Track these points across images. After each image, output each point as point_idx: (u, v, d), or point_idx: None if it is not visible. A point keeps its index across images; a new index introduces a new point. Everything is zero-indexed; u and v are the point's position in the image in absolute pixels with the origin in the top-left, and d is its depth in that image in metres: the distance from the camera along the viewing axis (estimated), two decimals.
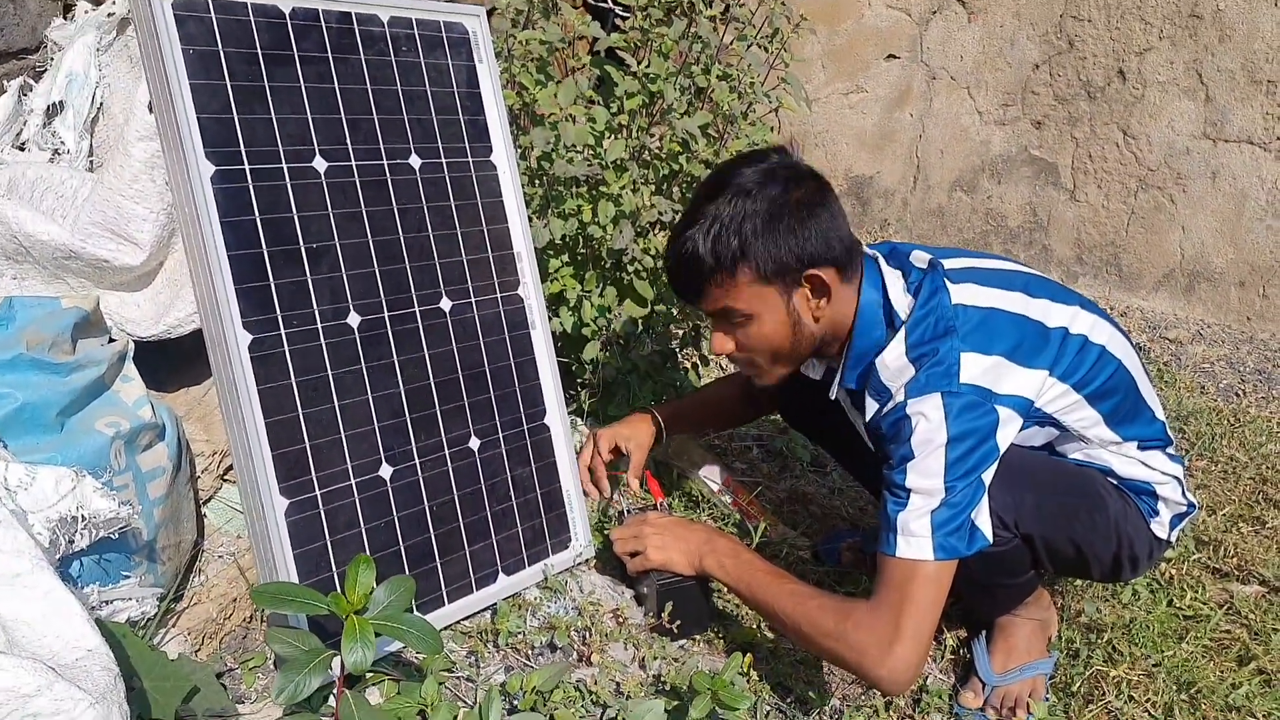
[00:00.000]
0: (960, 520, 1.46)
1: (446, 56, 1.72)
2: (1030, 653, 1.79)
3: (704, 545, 1.66)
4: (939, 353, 1.50)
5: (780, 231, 1.52)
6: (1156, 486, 1.69)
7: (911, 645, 1.43)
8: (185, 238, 1.38)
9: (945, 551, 1.45)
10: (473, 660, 1.59)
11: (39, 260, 1.41)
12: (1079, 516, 1.63)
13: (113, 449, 1.29)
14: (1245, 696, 1.82)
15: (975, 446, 1.47)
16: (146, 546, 1.35)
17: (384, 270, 1.57)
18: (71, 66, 1.55)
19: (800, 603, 1.53)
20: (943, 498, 1.45)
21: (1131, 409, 1.67)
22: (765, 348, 1.61)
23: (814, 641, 1.52)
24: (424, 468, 1.59)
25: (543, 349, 1.79)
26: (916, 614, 1.44)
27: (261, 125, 1.45)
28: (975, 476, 1.47)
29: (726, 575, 1.62)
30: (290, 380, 1.43)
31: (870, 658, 1.44)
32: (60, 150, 1.54)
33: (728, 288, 1.55)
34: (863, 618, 1.46)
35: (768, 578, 1.59)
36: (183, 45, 1.38)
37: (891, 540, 1.47)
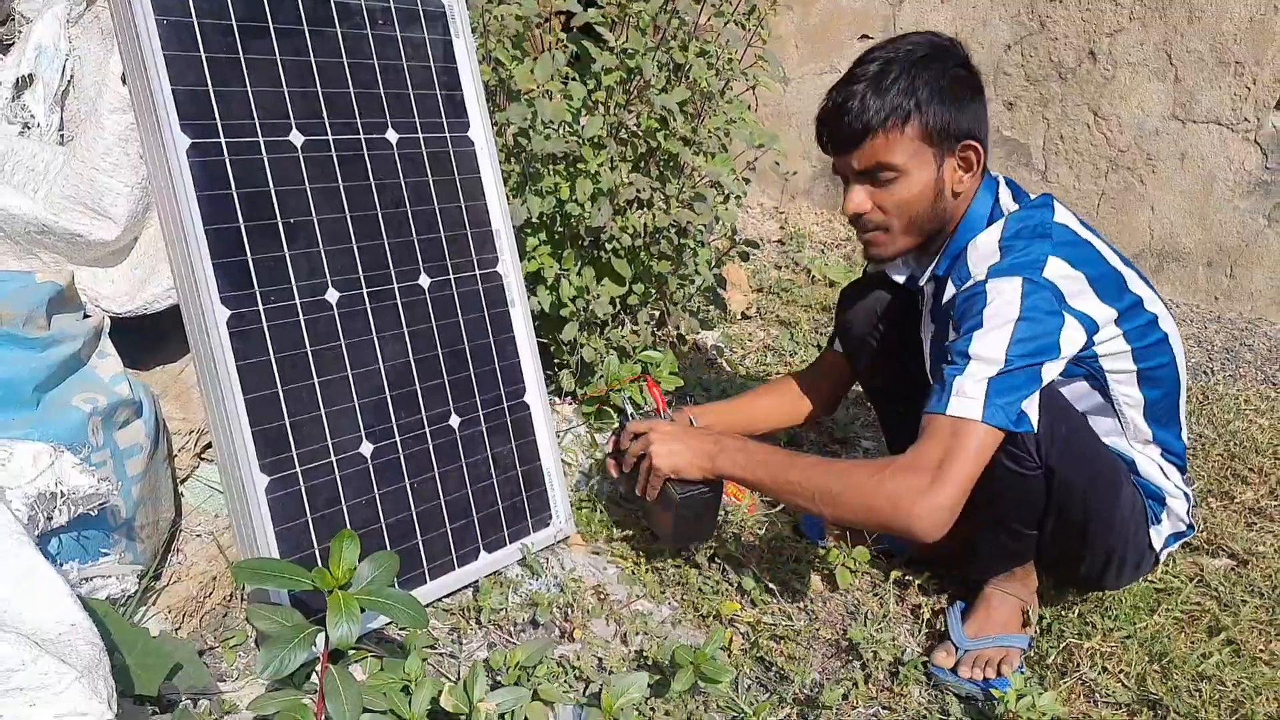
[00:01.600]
0: (1014, 395, 1.47)
1: (423, 30, 1.70)
2: (1007, 626, 1.81)
3: (713, 446, 1.63)
4: (1030, 248, 1.55)
5: (951, 99, 1.57)
6: (1168, 497, 1.72)
7: (951, 490, 1.43)
8: (161, 212, 1.36)
9: (994, 417, 1.45)
10: (455, 637, 1.59)
11: (11, 235, 1.39)
12: (1103, 484, 1.65)
13: (90, 425, 1.27)
14: (1215, 666, 1.85)
15: (1041, 334, 1.49)
16: (125, 524, 1.33)
17: (362, 246, 1.56)
18: (40, 39, 1.52)
19: (828, 467, 1.55)
20: (1001, 368, 1.47)
21: (1169, 412, 1.72)
22: (905, 210, 1.64)
23: (843, 499, 1.50)
24: (404, 445, 1.58)
25: (522, 327, 1.78)
26: (958, 463, 1.44)
27: (237, 97, 1.43)
28: (1035, 361, 1.48)
29: (743, 470, 1.60)
30: (269, 356, 1.42)
31: (906, 501, 1.43)
32: (30, 124, 1.51)
33: (892, 140, 1.58)
34: (901, 465, 1.46)
35: (786, 458, 1.59)
36: (156, 16, 1.35)
37: (944, 400, 1.48)
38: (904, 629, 1.89)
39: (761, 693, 1.67)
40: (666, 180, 2.05)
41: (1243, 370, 3.20)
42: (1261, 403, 3.00)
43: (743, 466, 1.60)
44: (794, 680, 1.68)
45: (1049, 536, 1.71)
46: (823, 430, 2.52)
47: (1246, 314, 3.49)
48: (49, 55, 1.51)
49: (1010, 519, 1.68)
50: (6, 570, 0.96)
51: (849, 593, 1.94)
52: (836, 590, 1.93)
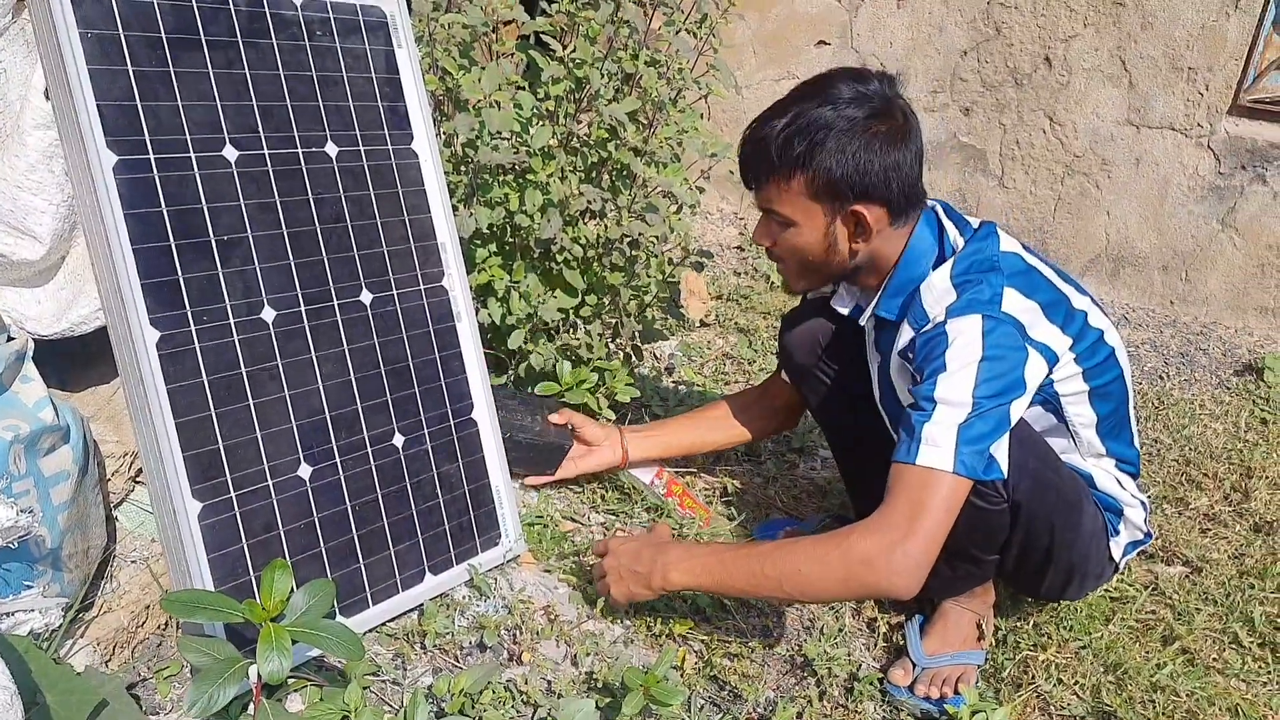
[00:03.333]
0: (983, 442, 1.44)
1: (364, 41, 1.66)
2: (964, 642, 1.80)
3: (655, 565, 1.59)
4: (984, 282, 1.52)
5: (847, 154, 1.51)
6: (1125, 507, 1.72)
7: (923, 544, 1.40)
8: (86, 231, 1.31)
9: (965, 467, 1.42)
10: (399, 663, 1.55)
11: None
12: (1065, 506, 1.64)
13: (11, 454, 1.22)
14: (1169, 676, 1.85)
15: (1007, 372, 1.46)
16: (50, 554, 1.28)
17: (300, 263, 1.52)
18: None
19: (787, 552, 1.48)
20: (969, 411, 1.43)
21: (1120, 423, 1.71)
22: (795, 256, 1.62)
23: (814, 579, 1.45)
24: (345, 466, 1.54)
25: (469, 342, 1.75)
26: (930, 517, 1.41)
27: (167, 113, 1.39)
28: (1003, 402, 1.45)
29: (694, 578, 1.56)
30: (202, 378, 1.38)
31: (881, 561, 1.39)
32: None
33: (781, 191, 1.56)
34: (869, 526, 1.43)
35: (735, 553, 1.55)
36: (80, 29, 1.31)
37: (913, 449, 1.44)
38: (859, 643, 1.88)
39: (714, 712, 1.64)
40: (618, 191, 2.02)
41: (1198, 374, 3.22)
42: (1216, 407, 3.02)
43: (696, 574, 1.55)
44: (748, 699, 1.66)
45: (1013, 559, 1.70)
46: (780, 439, 2.51)
47: (1202, 318, 3.52)
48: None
49: (972, 549, 1.67)
50: None
51: (804, 607, 1.92)
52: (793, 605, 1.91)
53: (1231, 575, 2.20)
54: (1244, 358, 3.31)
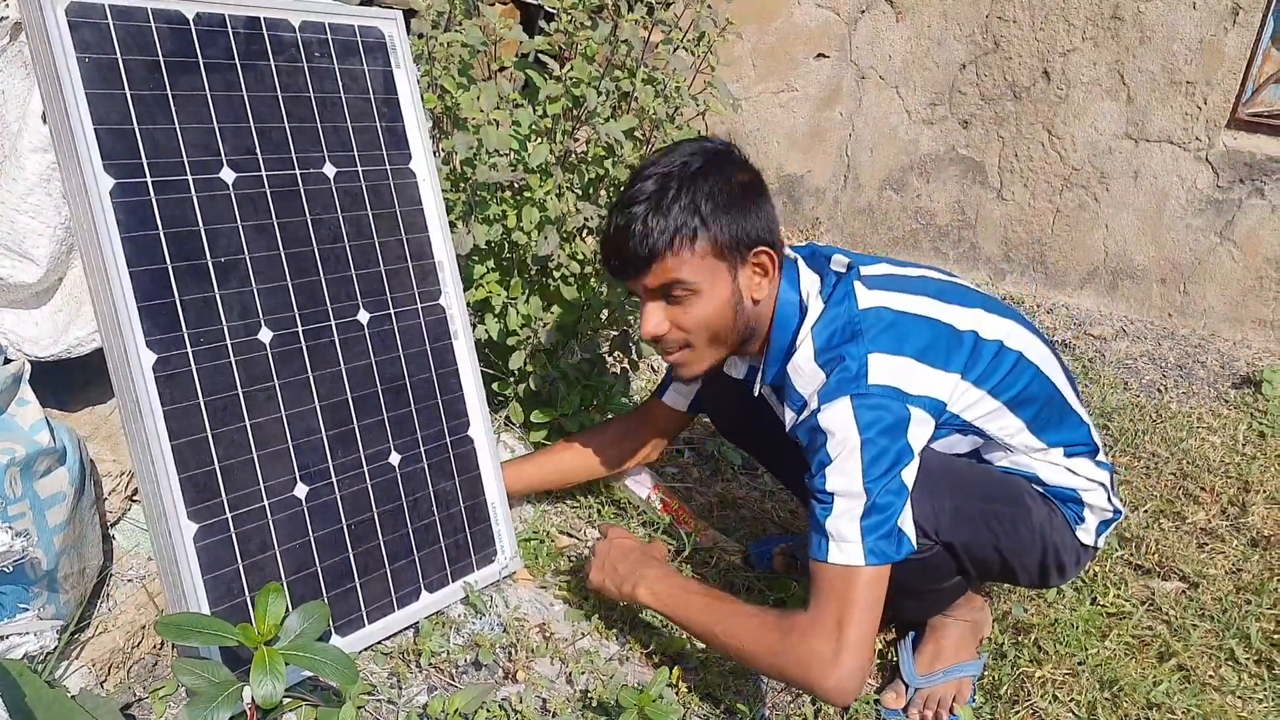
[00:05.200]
0: (889, 525, 1.46)
1: (362, 62, 1.67)
2: (959, 655, 1.80)
3: (632, 574, 1.64)
4: (846, 357, 1.51)
5: (735, 209, 1.53)
6: (1082, 493, 1.70)
7: (855, 653, 1.42)
8: (84, 254, 1.32)
9: (877, 556, 1.44)
10: (394, 682, 1.56)
11: None
12: (1001, 523, 1.63)
13: (7, 477, 1.23)
14: (1165, 693, 1.85)
15: (889, 446, 1.46)
16: (46, 576, 1.29)
17: (297, 283, 1.53)
18: None
19: (740, 622, 1.52)
20: (865, 501, 1.45)
21: (1056, 415, 1.68)
22: (705, 328, 1.59)
23: (758, 660, 1.51)
24: (341, 485, 1.55)
25: (465, 359, 1.76)
26: (857, 621, 1.43)
27: (164, 135, 1.40)
28: (894, 476, 1.46)
29: (659, 602, 1.61)
30: (198, 400, 1.38)
31: (816, 672, 1.43)
32: None
33: (681, 259, 1.53)
34: (805, 630, 1.45)
35: (703, 599, 1.58)
36: (78, 53, 1.32)
37: (824, 546, 1.46)
38: None
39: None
40: None
41: (1196, 387, 3.22)
42: (1214, 420, 3.02)
43: (658, 598, 1.61)
44: (743, 718, 1.66)
45: (975, 577, 1.70)
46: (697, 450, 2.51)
47: (1200, 330, 3.52)
48: None
49: (927, 588, 1.69)
50: None
51: None
52: None
53: (1228, 591, 2.20)
54: (1242, 370, 3.31)
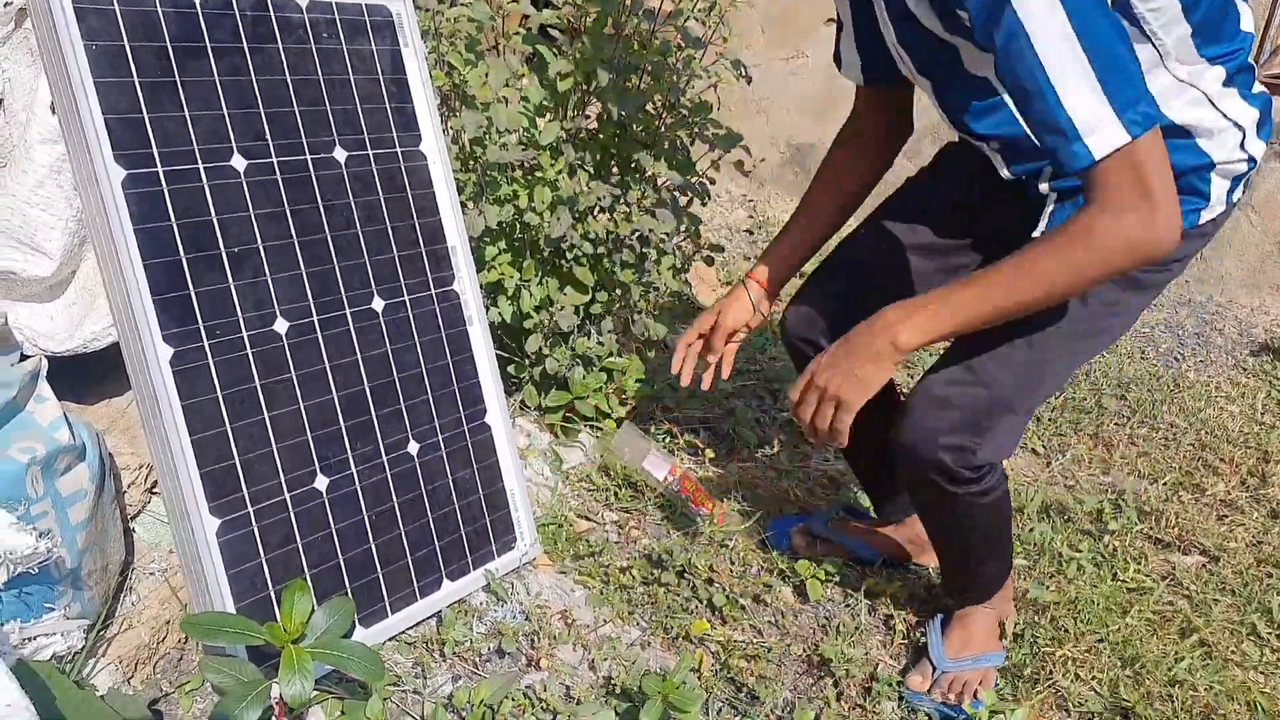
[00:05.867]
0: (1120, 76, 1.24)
1: (370, 42, 1.64)
2: (987, 644, 1.78)
3: (879, 335, 1.41)
4: None
5: None
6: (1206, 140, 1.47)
7: (1167, 201, 1.26)
8: (97, 248, 1.30)
9: (1137, 123, 1.25)
10: (419, 672, 1.55)
11: None
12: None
13: (29, 476, 1.22)
14: (1187, 670, 1.84)
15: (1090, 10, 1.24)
16: (70, 574, 1.28)
17: (311, 272, 1.50)
18: None
19: (1028, 267, 1.34)
20: (1083, 60, 1.23)
21: (1219, 17, 1.45)
22: None
23: (1075, 282, 1.34)
24: (361, 476, 1.54)
25: (481, 345, 1.74)
26: (1155, 175, 1.26)
27: (174, 123, 1.37)
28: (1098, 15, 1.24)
29: (928, 335, 1.40)
30: (216, 394, 1.37)
31: (1139, 235, 1.27)
32: None
33: None
34: (1104, 214, 1.27)
35: (966, 292, 1.38)
36: (85, 40, 1.29)
37: (1077, 150, 1.26)
38: (876, 640, 1.87)
39: (732, 714, 1.64)
40: (628, 186, 2.00)
41: (1214, 355, 3.20)
42: (1232, 389, 3.00)
43: (928, 332, 1.39)
44: (765, 701, 1.66)
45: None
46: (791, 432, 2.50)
47: (1218, 297, 3.49)
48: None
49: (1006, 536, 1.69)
50: None
51: (820, 604, 1.92)
52: (808, 603, 1.91)
53: (1249, 564, 2.19)
54: (1260, 337, 3.28)
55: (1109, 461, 2.59)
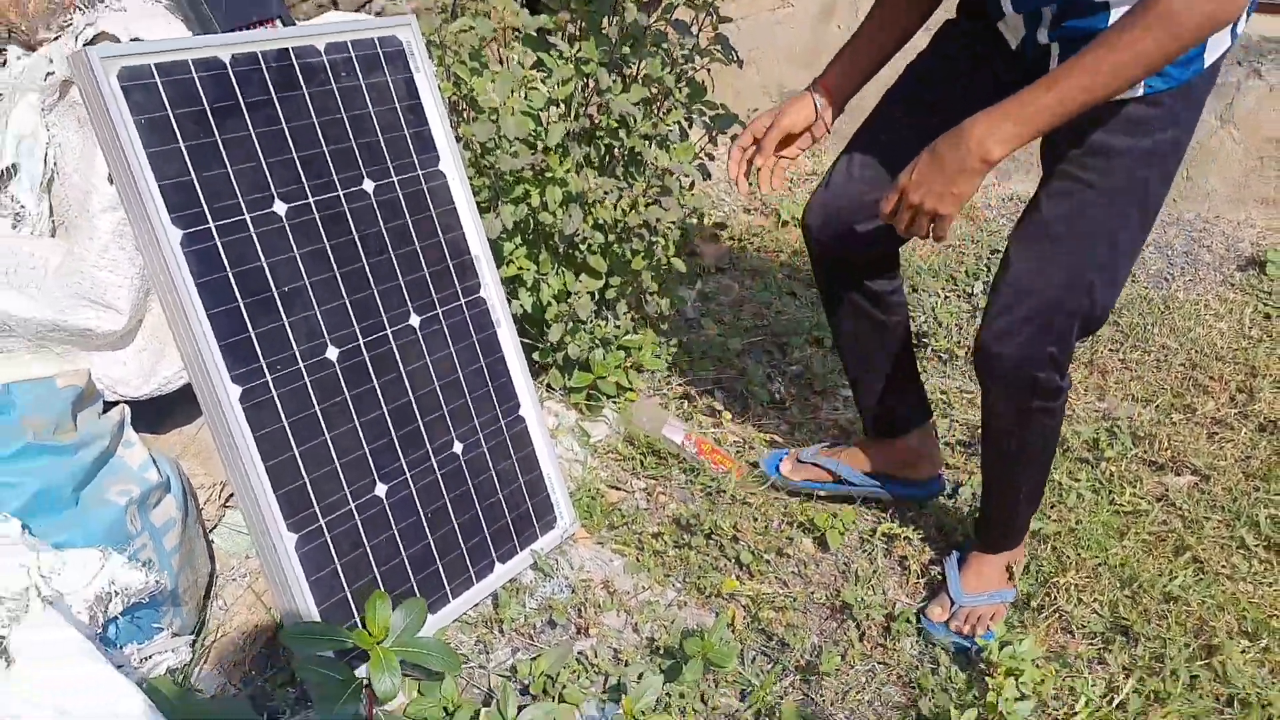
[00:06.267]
0: None
1: (385, 73, 1.75)
2: (1000, 582, 1.94)
3: (973, 151, 1.45)
4: None
5: None
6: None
7: None
8: (164, 303, 1.44)
9: None
10: (481, 648, 1.72)
11: (20, 334, 1.47)
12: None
13: (128, 515, 1.37)
14: (1180, 587, 2.00)
15: None
16: (170, 595, 1.44)
17: (353, 300, 1.64)
18: (19, 129, 1.57)
19: (1104, 55, 1.37)
20: None
21: None
22: None
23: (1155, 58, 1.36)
24: (415, 480, 1.69)
25: (509, 345, 1.88)
26: None
27: (220, 180, 1.50)
28: None
29: (1023, 131, 1.43)
30: (282, 423, 1.52)
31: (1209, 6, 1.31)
32: (20, 214, 1.57)
33: None
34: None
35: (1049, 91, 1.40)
36: (133, 115, 1.41)
37: None
38: (893, 581, 2.04)
39: (765, 663, 1.81)
40: (633, 178, 2.12)
41: (1202, 273, 3.31)
42: (1220, 305, 3.12)
43: (1013, 141, 1.44)
44: (794, 647, 1.83)
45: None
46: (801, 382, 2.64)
47: (1204, 214, 3.59)
48: (29, 145, 1.57)
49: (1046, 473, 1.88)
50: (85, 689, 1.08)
51: (839, 552, 2.08)
52: (828, 551, 2.07)
53: (1238, 480, 2.34)
54: (1246, 251, 3.40)
55: (1104, 388, 2.72)
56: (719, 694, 1.71)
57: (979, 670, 1.81)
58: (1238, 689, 1.77)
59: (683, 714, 1.64)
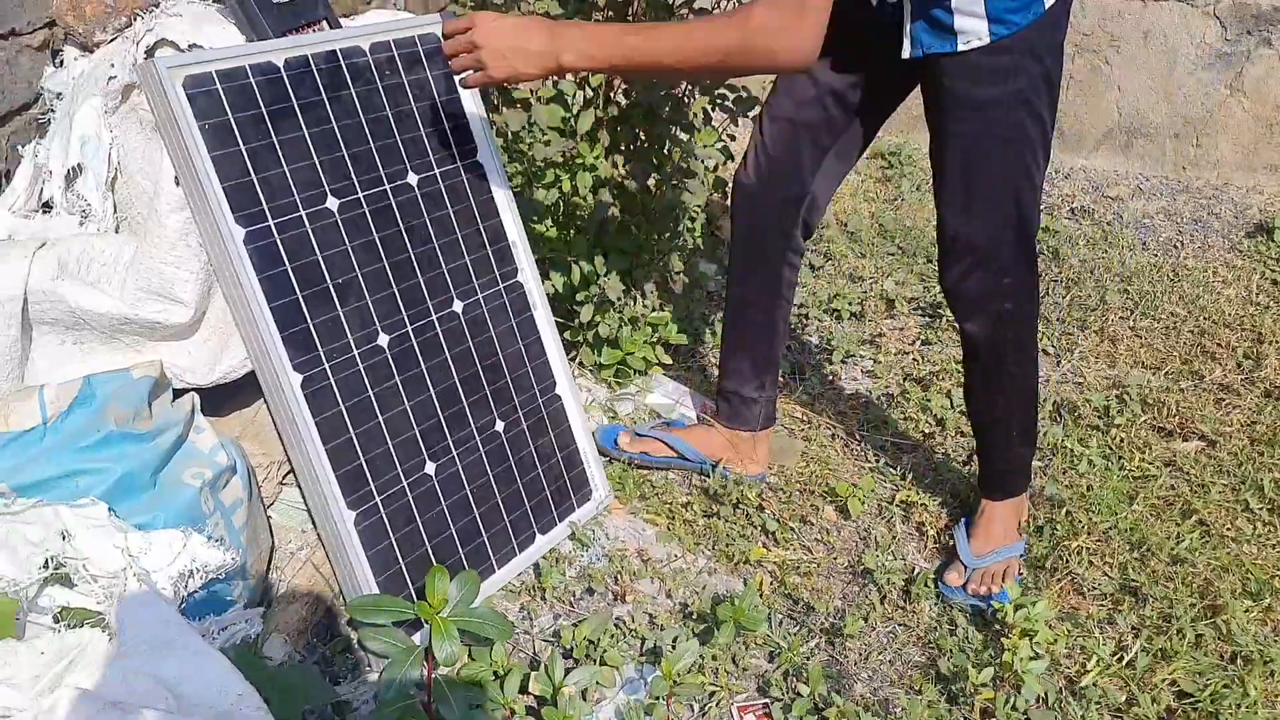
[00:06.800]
0: None
1: (425, 69, 1.83)
2: (1006, 538, 2.04)
3: (552, 42, 1.51)
4: None
5: None
6: None
7: (815, 17, 1.44)
8: (229, 297, 1.53)
9: None
10: (525, 615, 1.83)
11: (95, 327, 1.56)
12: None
13: (201, 497, 1.48)
14: (1187, 549, 2.10)
15: None
16: (240, 569, 1.55)
17: (401, 288, 1.73)
18: (84, 130, 1.66)
19: (688, 37, 1.51)
20: None
21: None
22: None
23: (720, 64, 1.51)
24: (461, 457, 1.79)
25: (546, 327, 1.97)
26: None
27: (277, 180, 1.58)
28: None
29: (591, 61, 1.52)
30: (340, 407, 1.62)
31: (780, 44, 1.44)
32: (87, 212, 1.66)
33: None
34: (762, 16, 1.44)
35: (637, 38, 1.51)
36: (197, 121, 1.50)
37: None
38: (911, 547, 2.14)
39: (792, 626, 1.92)
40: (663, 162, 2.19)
41: (1211, 240, 3.38)
42: (1228, 273, 3.19)
43: (590, 57, 1.51)
44: (819, 611, 1.93)
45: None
46: (822, 351, 2.73)
47: (1213, 181, 3.66)
48: (93, 146, 1.65)
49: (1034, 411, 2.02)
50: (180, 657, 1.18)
51: (860, 519, 2.18)
52: (849, 519, 2.17)
53: (1244, 445, 2.43)
54: (1255, 218, 3.46)
55: (1115, 355, 2.80)
56: (749, 655, 1.82)
57: (995, 631, 1.91)
58: (1241, 646, 1.87)
59: (716, 675, 1.75)
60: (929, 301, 3.00)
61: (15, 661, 1.11)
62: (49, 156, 1.71)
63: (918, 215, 3.51)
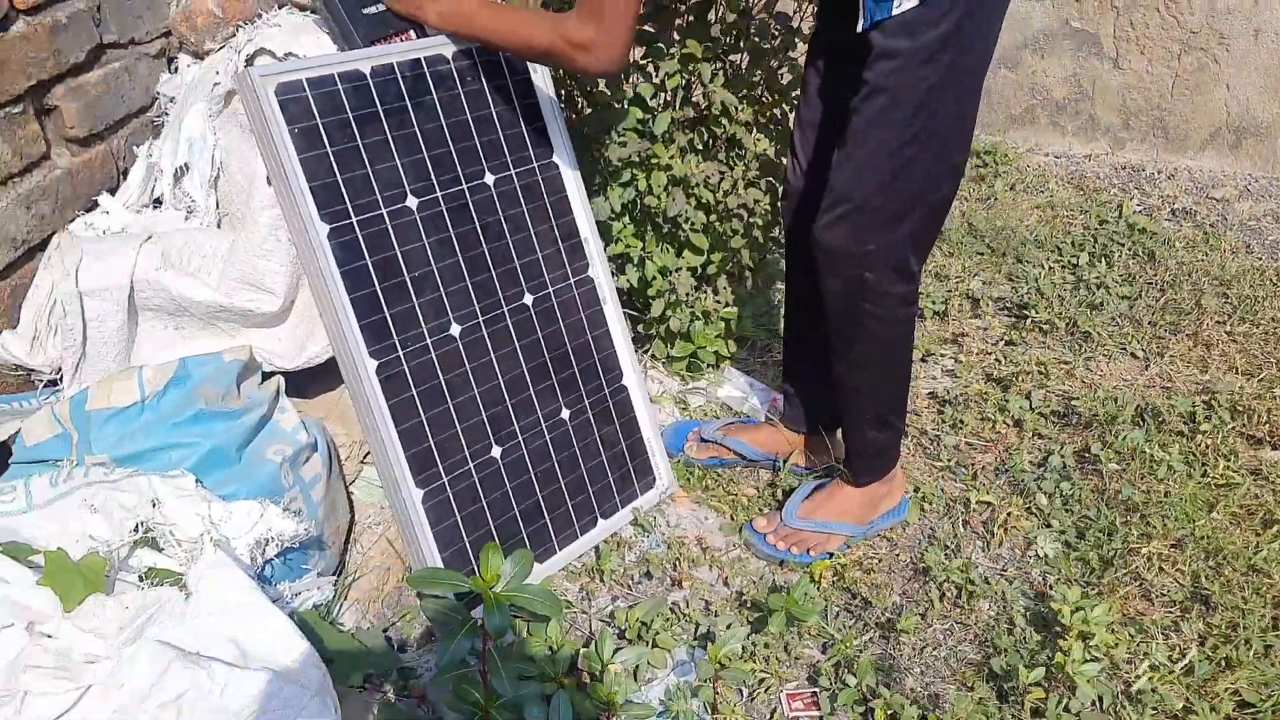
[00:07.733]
0: None
1: (505, 76, 1.92)
2: (843, 514, 2.05)
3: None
4: None
5: None
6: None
7: (616, 30, 1.62)
8: (313, 289, 1.65)
9: None
10: (584, 596, 1.92)
11: (194, 314, 1.71)
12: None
13: (282, 472, 1.60)
14: (1265, 559, 2.06)
15: None
16: (316, 540, 1.68)
17: (474, 281, 1.84)
18: (191, 132, 1.81)
19: (514, 31, 1.73)
20: None
21: None
22: None
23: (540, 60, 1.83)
24: (526, 442, 1.89)
25: (614, 320, 2.05)
26: (614, 11, 1.61)
27: (360, 180, 1.70)
28: None
29: (444, 21, 1.81)
30: (412, 392, 1.73)
31: (585, 58, 1.66)
32: (192, 208, 1.81)
33: None
34: (572, 27, 1.64)
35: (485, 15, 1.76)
36: (288, 125, 1.62)
37: None
38: (976, 545, 2.15)
39: (848, 619, 1.96)
40: (733, 163, 2.25)
41: None
42: None
43: (446, 19, 1.80)
44: (876, 606, 1.97)
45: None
46: None
47: None
48: (199, 146, 1.80)
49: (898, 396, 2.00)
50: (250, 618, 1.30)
51: (926, 517, 2.20)
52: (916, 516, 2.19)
53: None
54: None
55: (1207, 361, 2.74)
56: (802, 645, 1.87)
57: (1054, 633, 1.92)
58: None
59: (766, 662, 1.81)
60: (1015, 302, 2.98)
61: (103, 614, 1.24)
62: (160, 156, 1.87)
63: (1010, 214, 3.47)
